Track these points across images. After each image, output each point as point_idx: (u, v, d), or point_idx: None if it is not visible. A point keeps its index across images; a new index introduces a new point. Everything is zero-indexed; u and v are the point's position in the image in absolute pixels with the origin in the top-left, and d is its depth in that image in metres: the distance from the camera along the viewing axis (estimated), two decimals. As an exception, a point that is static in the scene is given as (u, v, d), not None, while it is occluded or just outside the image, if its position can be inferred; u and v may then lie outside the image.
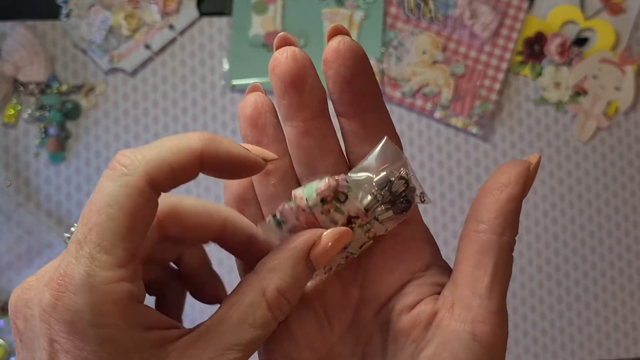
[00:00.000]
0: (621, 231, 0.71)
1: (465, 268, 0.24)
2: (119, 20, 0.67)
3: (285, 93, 0.24)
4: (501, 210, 0.24)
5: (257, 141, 0.25)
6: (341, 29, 0.24)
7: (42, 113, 0.67)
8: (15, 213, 0.65)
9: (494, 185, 0.24)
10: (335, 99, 0.25)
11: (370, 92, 0.25)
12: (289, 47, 0.24)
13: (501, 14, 0.69)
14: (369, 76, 0.24)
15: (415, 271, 0.26)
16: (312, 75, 0.25)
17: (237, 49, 0.68)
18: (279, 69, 0.24)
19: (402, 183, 0.25)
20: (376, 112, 0.25)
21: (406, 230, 0.26)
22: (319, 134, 0.25)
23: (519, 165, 0.24)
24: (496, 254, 0.24)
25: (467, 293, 0.24)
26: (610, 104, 0.71)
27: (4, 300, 0.65)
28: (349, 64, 0.24)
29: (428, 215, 0.69)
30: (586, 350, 0.70)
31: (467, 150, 0.70)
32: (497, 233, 0.24)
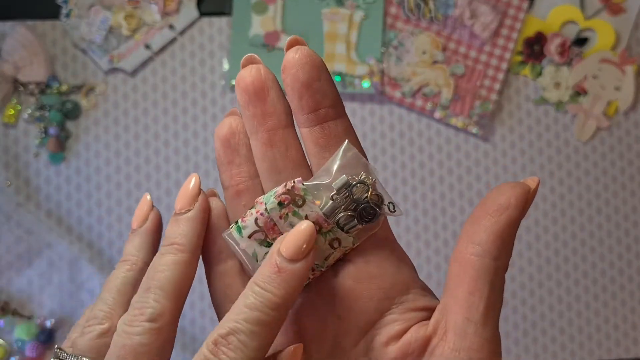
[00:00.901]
0: (621, 231, 0.71)
1: (459, 292, 0.23)
2: (119, 20, 0.67)
3: (249, 104, 0.25)
4: (499, 234, 0.23)
5: (229, 161, 0.26)
6: (299, 40, 0.25)
7: (42, 113, 0.67)
8: (15, 213, 0.65)
9: (492, 206, 0.23)
10: (295, 106, 0.25)
11: (330, 99, 0.25)
12: (254, 65, 0.25)
13: (501, 14, 0.69)
14: (328, 82, 0.25)
15: (395, 295, 0.25)
16: (275, 87, 0.25)
17: (237, 49, 0.68)
18: (243, 82, 0.25)
19: (363, 188, 0.24)
20: (337, 119, 0.25)
21: (380, 253, 0.25)
22: (282, 145, 0.25)
23: (519, 187, 0.23)
24: (492, 278, 0.23)
25: (462, 319, 0.23)
26: (610, 104, 0.71)
27: (4, 300, 0.65)
28: (306, 68, 0.24)
29: (428, 216, 0.69)
30: (586, 350, 0.70)
31: (467, 150, 0.70)
32: (494, 257, 0.23)
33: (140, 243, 0.28)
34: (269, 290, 0.23)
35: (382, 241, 0.26)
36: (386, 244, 0.26)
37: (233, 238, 0.25)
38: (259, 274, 0.23)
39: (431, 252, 0.69)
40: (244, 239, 0.25)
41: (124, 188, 0.68)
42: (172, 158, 0.68)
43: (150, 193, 0.68)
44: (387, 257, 0.26)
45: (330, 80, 0.25)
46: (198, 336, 0.66)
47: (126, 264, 0.27)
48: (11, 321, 0.65)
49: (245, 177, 0.26)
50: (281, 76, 0.25)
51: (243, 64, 0.25)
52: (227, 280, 0.27)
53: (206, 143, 0.69)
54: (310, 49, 0.24)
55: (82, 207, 0.67)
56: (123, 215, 0.68)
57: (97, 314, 0.26)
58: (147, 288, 0.24)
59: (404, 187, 0.69)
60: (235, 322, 0.22)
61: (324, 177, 0.25)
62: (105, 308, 0.26)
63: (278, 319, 0.23)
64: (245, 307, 0.23)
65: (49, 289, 0.66)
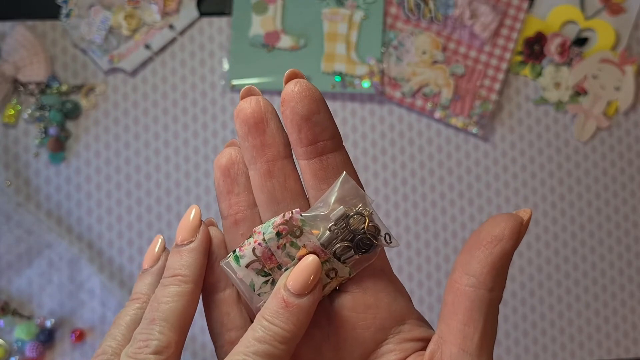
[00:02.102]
0: (621, 231, 0.71)
1: (454, 323, 0.24)
2: (119, 20, 0.67)
3: (247, 135, 0.25)
4: (493, 265, 0.23)
5: (228, 190, 0.26)
6: (297, 73, 0.25)
7: (42, 113, 0.67)
8: (15, 213, 0.65)
9: (486, 238, 0.23)
10: (293, 139, 0.25)
11: (329, 132, 0.25)
12: (254, 97, 0.25)
13: (501, 14, 0.69)
14: (327, 115, 0.25)
15: (391, 326, 0.25)
16: (275, 119, 0.25)
17: (237, 49, 0.68)
18: (242, 113, 0.25)
19: (360, 219, 0.25)
20: (336, 151, 0.25)
21: (376, 283, 0.26)
22: (281, 176, 0.25)
23: (513, 219, 0.23)
24: (486, 310, 0.23)
25: (457, 351, 0.23)
26: (610, 104, 0.71)
27: (4, 300, 0.65)
28: (305, 101, 0.24)
29: (428, 216, 0.69)
30: (586, 350, 0.70)
31: (467, 150, 0.70)
32: (488, 288, 0.23)
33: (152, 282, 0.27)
34: (278, 325, 0.23)
35: (378, 272, 0.26)
36: (383, 275, 0.26)
37: (231, 267, 0.25)
38: (266, 309, 0.24)
39: (431, 252, 0.69)
40: (241, 268, 0.25)
41: (124, 188, 0.68)
42: (172, 158, 0.68)
43: (150, 193, 0.68)
44: (383, 287, 0.26)
45: (328, 113, 0.25)
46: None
47: (136, 302, 0.27)
48: (11, 321, 0.65)
49: (243, 206, 0.26)
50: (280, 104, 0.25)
51: (242, 95, 0.26)
52: (224, 309, 0.27)
53: (206, 143, 0.69)
54: (309, 83, 0.25)
55: (82, 207, 0.67)
56: (123, 215, 0.68)
57: (106, 350, 0.25)
58: (151, 320, 0.24)
59: (404, 187, 0.69)
60: (245, 354, 0.23)
61: (321, 209, 0.25)
62: (113, 344, 0.26)
63: (287, 352, 0.23)
64: (254, 340, 0.23)
65: (49, 289, 0.66)
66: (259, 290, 0.25)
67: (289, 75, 0.25)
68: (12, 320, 0.65)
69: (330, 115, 0.25)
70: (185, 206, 0.68)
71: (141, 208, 0.68)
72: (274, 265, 0.25)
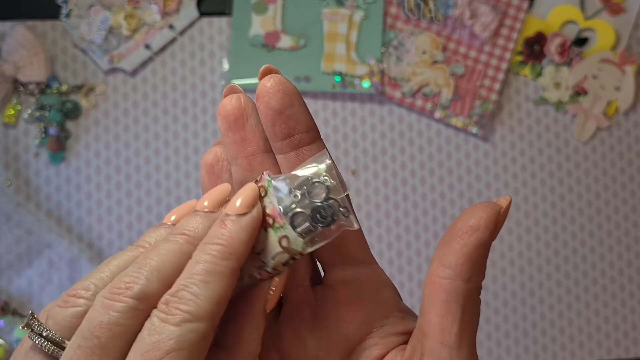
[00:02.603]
0: (621, 231, 0.71)
1: (432, 317, 0.23)
2: (119, 20, 0.67)
3: (228, 131, 0.25)
4: (469, 256, 0.23)
5: (212, 186, 0.26)
6: (272, 69, 0.25)
7: (42, 113, 0.67)
8: (15, 213, 0.65)
9: (462, 229, 0.23)
10: (269, 133, 0.25)
11: (304, 124, 0.25)
12: (235, 94, 0.25)
13: (501, 14, 0.69)
14: (301, 108, 0.25)
15: (375, 320, 0.25)
16: (254, 115, 0.25)
17: (237, 49, 0.68)
18: (223, 110, 0.25)
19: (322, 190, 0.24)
20: (312, 144, 0.25)
21: (359, 277, 0.26)
22: (262, 170, 0.25)
23: (489, 208, 0.23)
24: (463, 301, 0.23)
25: (436, 344, 0.23)
26: (610, 104, 0.71)
27: (4, 300, 0.65)
28: (279, 95, 0.24)
29: (428, 216, 0.69)
30: (586, 350, 0.70)
31: (467, 150, 0.70)
32: (464, 279, 0.23)
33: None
34: (217, 243, 0.22)
35: (361, 265, 0.26)
36: (365, 268, 0.26)
37: None
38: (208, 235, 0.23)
39: (431, 252, 0.69)
40: None
41: (124, 188, 0.68)
42: (172, 158, 0.68)
43: (150, 193, 0.68)
44: (366, 281, 0.26)
45: (303, 106, 0.25)
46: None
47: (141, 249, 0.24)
48: (11, 321, 0.65)
49: None
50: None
51: (225, 93, 0.26)
52: None
53: (206, 143, 0.69)
54: (282, 77, 0.25)
55: (82, 207, 0.67)
56: (123, 215, 0.68)
57: (88, 286, 0.23)
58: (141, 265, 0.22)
59: (404, 187, 0.69)
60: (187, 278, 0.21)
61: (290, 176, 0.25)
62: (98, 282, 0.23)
63: (230, 268, 0.22)
64: (194, 264, 0.22)
65: (49, 289, 0.66)
66: None
67: (263, 71, 0.25)
68: (12, 320, 0.65)
69: (305, 109, 0.25)
70: (185, 206, 0.68)
71: (141, 208, 0.68)
72: None
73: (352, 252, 0.26)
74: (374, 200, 0.69)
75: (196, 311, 0.21)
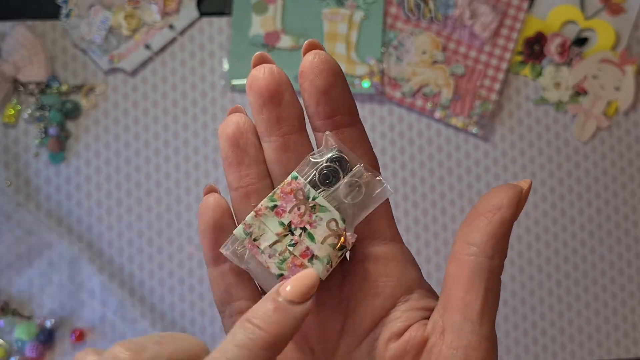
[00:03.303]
0: (621, 231, 0.71)
1: (456, 292, 0.24)
2: (119, 20, 0.67)
3: (263, 107, 0.24)
4: (493, 233, 0.23)
5: (238, 162, 0.25)
6: (316, 44, 0.24)
7: (42, 113, 0.67)
8: (15, 213, 0.65)
9: (485, 208, 0.24)
10: (311, 112, 0.25)
11: (346, 106, 0.25)
12: (267, 65, 0.24)
13: (501, 14, 0.69)
14: (345, 90, 0.24)
15: (400, 295, 0.25)
16: (289, 90, 0.25)
17: (237, 49, 0.68)
18: (256, 84, 0.24)
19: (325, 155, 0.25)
20: (353, 126, 0.25)
21: (387, 253, 0.26)
22: (297, 149, 0.25)
23: (511, 189, 0.24)
24: (487, 277, 0.23)
25: (459, 318, 0.23)
26: (610, 104, 0.71)
27: (4, 300, 0.65)
28: (324, 75, 0.24)
29: (428, 216, 0.69)
30: (586, 350, 0.70)
31: (467, 150, 0.70)
32: (488, 256, 0.23)
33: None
34: (262, 328, 0.21)
35: (389, 242, 0.26)
36: (394, 245, 0.26)
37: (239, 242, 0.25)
38: (252, 311, 0.22)
39: (431, 252, 0.69)
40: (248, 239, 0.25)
41: (124, 188, 0.68)
42: (172, 158, 0.68)
43: (150, 193, 0.68)
44: (394, 257, 0.26)
45: (346, 87, 0.25)
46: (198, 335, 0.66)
47: None
48: (11, 321, 0.65)
49: (254, 178, 0.25)
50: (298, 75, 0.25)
51: (254, 62, 0.25)
52: (231, 279, 0.26)
53: (206, 143, 0.69)
54: (327, 54, 0.24)
55: (82, 207, 0.67)
56: (123, 215, 0.68)
57: None
58: None
59: (404, 187, 0.69)
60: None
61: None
62: None
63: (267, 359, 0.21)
64: (233, 345, 0.21)
65: (49, 289, 0.66)
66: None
67: (307, 45, 0.24)
68: (12, 320, 0.65)
69: (348, 90, 0.25)
70: (186, 206, 0.68)
71: (141, 208, 0.68)
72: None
73: (382, 230, 0.26)
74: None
75: None
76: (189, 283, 0.67)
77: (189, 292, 0.67)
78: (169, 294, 0.67)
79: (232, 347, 0.21)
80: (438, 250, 0.69)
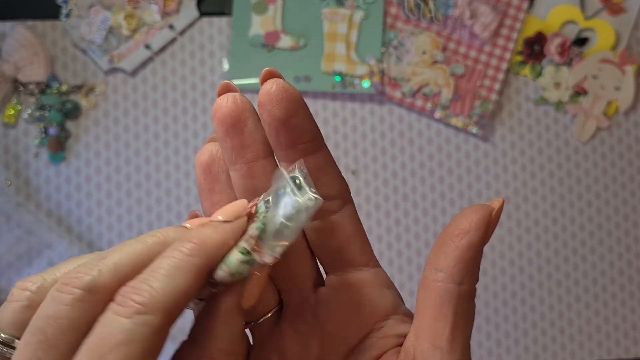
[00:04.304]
0: (621, 231, 0.71)
1: (425, 319, 0.23)
2: (119, 20, 0.67)
3: (226, 135, 0.24)
4: (460, 258, 0.23)
5: (209, 188, 0.26)
6: (274, 73, 0.24)
7: (42, 113, 0.67)
8: (15, 213, 0.65)
9: (453, 232, 0.23)
10: (273, 142, 0.24)
11: (309, 133, 0.24)
12: (231, 94, 0.24)
13: (501, 14, 0.69)
14: (306, 117, 0.24)
15: (374, 321, 0.25)
16: (253, 117, 0.24)
17: (237, 49, 0.68)
18: (219, 112, 0.24)
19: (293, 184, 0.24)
20: (316, 153, 0.25)
21: (360, 279, 0.25)
22: (262, 176, 0.24)
23: (480, 210, 0.23)
24: (455, 303, 0.23)
25: (428, 346, 0.23)
26: (610, 104, 0.71)
27: (4, 300, 0.65)
28: (283, 104, 0.23)
29: (428, 216, 0.69)
30: (586, 350, 0.70)
31: (467, 150, 0.70)
32: (456, 282, 0.23)
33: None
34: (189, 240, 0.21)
35: (363, 268, 0.26)
36: (367, 270, 0.26)
37: None
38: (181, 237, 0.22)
39: (431, 252, 0.69)
40: None
41: (124, 188, 0.68)
42: (172, 158, 0.68)
43: (150, 193, 0.68)
44: (368, 283, 0.25)
45: (307, 114, 0.24)
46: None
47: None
48: (11, 321, 0.65)
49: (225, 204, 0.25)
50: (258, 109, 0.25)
51: (219, 91, 0.25)
52: None
53: (206, 143, 0.69)
54: (285, 82, 0.24)
55: (82, 207, 0.67)
56: (123, 215, 0.68)
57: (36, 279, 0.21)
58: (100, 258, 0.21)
59: (404, 187, 0.69)
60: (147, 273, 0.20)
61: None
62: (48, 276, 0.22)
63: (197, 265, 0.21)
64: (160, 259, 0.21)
65: (49, 289, 0.66)
66: None
67: (264, 75, 0.24)
68: (12, 320, 0.65)
69: (309, 117, 0.24)
70: (186, 206, 0.68)
71: (141, 208, 0.68)
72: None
73: (355, 257, 0.26)
74: (374, 200, 0.69)
75: (150, 303, 0.20)
76: (189, 283, 0.67)
77: (189, 292, 0.67)
78: (169, 294, 0.67)
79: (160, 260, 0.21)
80: (438, 250, 0.69)
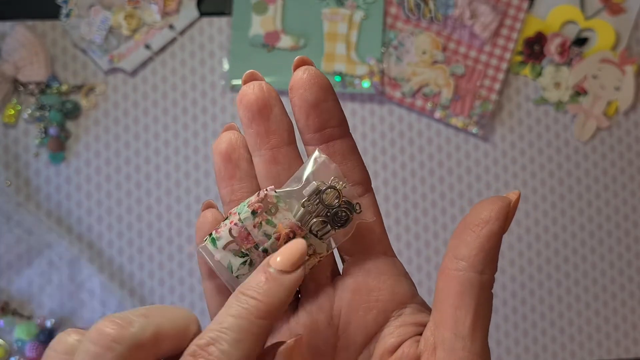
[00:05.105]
0: (621, 231, 0.71)
1: (446, 308, 0.24)
2: (119, 20, 0.67)
3: (252, 121, 0.25)
4: (482, 247, 0.23)
5: (230, 175, 0.26)
6: (306, 60, 0.25)
7: (42, 113, 0.67)
8: (15, 213, 0.65)
9: (474, 222, 0.24)
10: (301, 126, 0.25)
11: (336, 119, 0.25)
12: (256, 81, 0.25)
13: (501, 14, 0.69)
14: (334, 103, 0.25)
15: (393, 309, 0.25)
16: (278, 105, 0.25)
17: (237, 49, 0.68)
18: (246, 99, 0.25)
19: (334, 194, 0.25)
20: (343, 138, 0.26)
21: (378, 267, 0.26)
22: (286, 162, 0.25)
23: (499, 201, 0.24)
24: (477, 292, 0.23)
25: (450, 335, 0.23)
26: (610, 104, 0.71)
27: (4, 300, 0.65)
28: (314, 89, 0.24)
29: (428, 216, 0.69)
30: (586, 350, 0.70)
31: (467, 150, 0.70)
32: (478, 271, 0.23)
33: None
34: (256, 298, 0.22)
35: (381, 255, 0.26)
36: (385, 258, 0.26)
37: (207, 250, 0.25)
38: (245, 284, 0.22)
39: (431, 252, 0.69)
40: (218, 250, 0.25)
41: (124, 188, 0.68)
42: (172, 158, 0.68)
43: (150, 193, 0.68)
44: (385, 271, 0.26)
45: (336, 100, 0.25)
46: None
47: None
48: (11, 321, 0.65)
49: (246, 192, 0.26)
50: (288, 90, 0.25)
51: (245, 80, 0.25)
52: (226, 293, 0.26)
53: (206, 143, 0.69)
54: (317, 70, 0.25)
55: (82, 207, 0.67)
56: (123, 215, 0.68)
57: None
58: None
59: (404, 187, 0.69)
60: (217, 331, 0.21)
61: (294, 185, 0.25)
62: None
63: (264, 328, 0.22)
64: (229, 315, 0.21)
65: (49, 289, 0.66)
66: (237, 272, 0.25)
67: (297, 62, 0.25)
68: (12, 320, 0.65)
69: (338, 103, 0.25)
70: (186, 206, 0.68)
71: (141, 208, 0.68)
72: (251, 245, 0.25)
73: (374, 245, 0.26)
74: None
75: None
76: (189, 283, 0.67)
77: (189, 291, 0.67)
78: (169, 294, 0.67)
79: (228, 317, 0.21)
80: (438, 251, 0.69)
